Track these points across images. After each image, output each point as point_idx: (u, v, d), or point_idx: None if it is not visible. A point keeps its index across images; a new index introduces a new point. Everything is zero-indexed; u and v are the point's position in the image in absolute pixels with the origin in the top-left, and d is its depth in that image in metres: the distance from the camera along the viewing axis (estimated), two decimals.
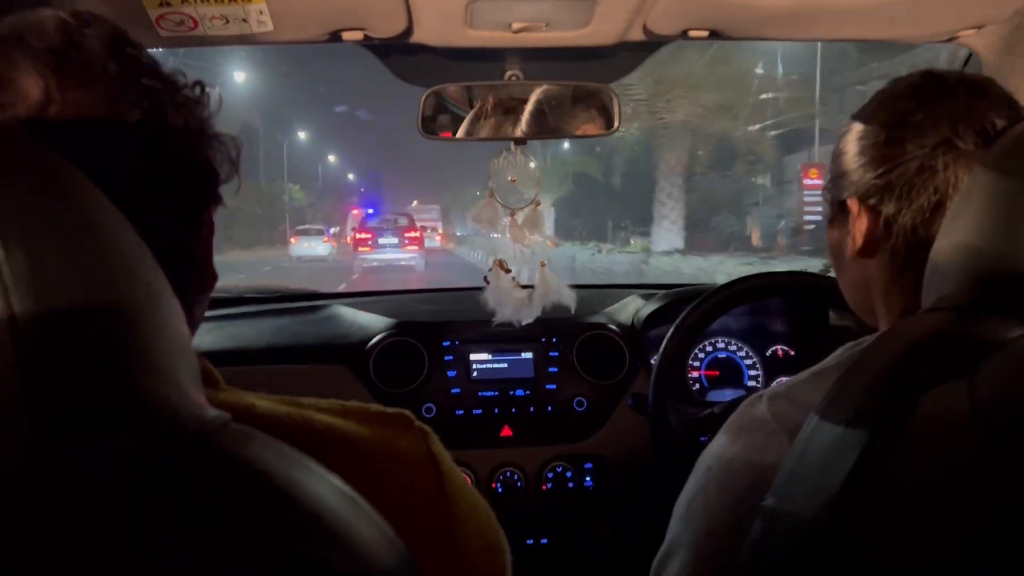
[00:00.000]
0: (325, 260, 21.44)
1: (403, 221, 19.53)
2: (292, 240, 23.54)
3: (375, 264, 18.01)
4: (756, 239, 17.95)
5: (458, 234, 34.97)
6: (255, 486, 0.35)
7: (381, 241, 18.50)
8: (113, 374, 0.32)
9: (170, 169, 0.49)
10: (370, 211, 23.97)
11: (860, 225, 0.70)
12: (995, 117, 0.65)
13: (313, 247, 22.39)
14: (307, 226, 25.80)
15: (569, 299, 1.37)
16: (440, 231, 34.31)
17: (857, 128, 0.72)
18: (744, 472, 0.65)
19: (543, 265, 1.37)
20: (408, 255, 18.27)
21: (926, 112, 0.67)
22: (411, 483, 0.51)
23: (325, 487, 0.38)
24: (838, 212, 0.74)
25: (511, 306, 1.36)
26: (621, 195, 20.67)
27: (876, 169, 0.68)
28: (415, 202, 48.45)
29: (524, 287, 1.37)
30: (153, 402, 0.34)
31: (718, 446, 0.70)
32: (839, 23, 1.16)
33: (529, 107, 1.28)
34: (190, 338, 0.43)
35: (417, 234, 18.97)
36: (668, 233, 15.78)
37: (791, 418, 0.63)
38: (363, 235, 18.91)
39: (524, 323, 1.37)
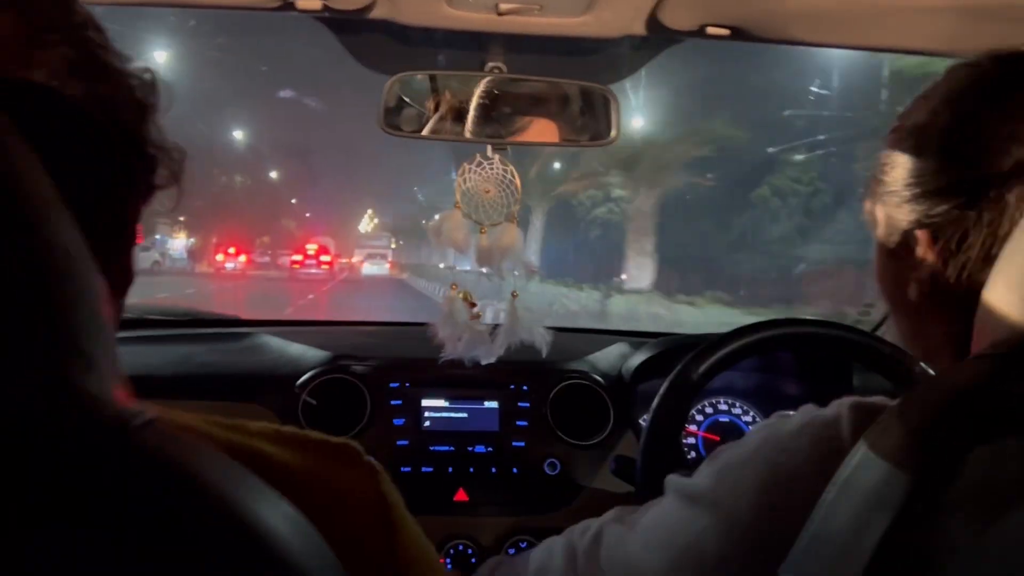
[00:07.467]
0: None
1: (317, 248, 33.87)
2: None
3: (301, 275, 30.21)
4: None
5: (411, 262, 34.88)
6: (192, 496, 0.29)
7: (307, 262, 32.46)
8: (40, 355, 0.27)
9: (110, 143, 0.43)
10: (327, 241, 35.34)
11: (929, 263, 0.59)
12: None
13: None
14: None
15: (541, 339, 1.17)
16: (389, 258, 36.26)
17: (916, 130, 0.61)
18: (801, 470, 0.55)
19: (514, 296, 1.18)
20: (319, 270, 31.50)
21: (1000, 117, 0.55)
22: (355, 529, 0.43)
23: (274, 511, 0.32)
24: (900, 242, 0.62)
25: (465, 340, 1.15)
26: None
27: (939, 199, 0.58)
28: (369, 211, 47.83)
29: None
30: (75, 391, 0.28)
31: (779, 428, 0.60)
32: (893, 29, 1.05)
33: (512, 106, 1.12)
34: (114, 329, 0.37)
35: (329, 258, 32.77)
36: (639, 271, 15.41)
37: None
38: (297, 257, 32.84)
39: (483, 362, 1.17)
